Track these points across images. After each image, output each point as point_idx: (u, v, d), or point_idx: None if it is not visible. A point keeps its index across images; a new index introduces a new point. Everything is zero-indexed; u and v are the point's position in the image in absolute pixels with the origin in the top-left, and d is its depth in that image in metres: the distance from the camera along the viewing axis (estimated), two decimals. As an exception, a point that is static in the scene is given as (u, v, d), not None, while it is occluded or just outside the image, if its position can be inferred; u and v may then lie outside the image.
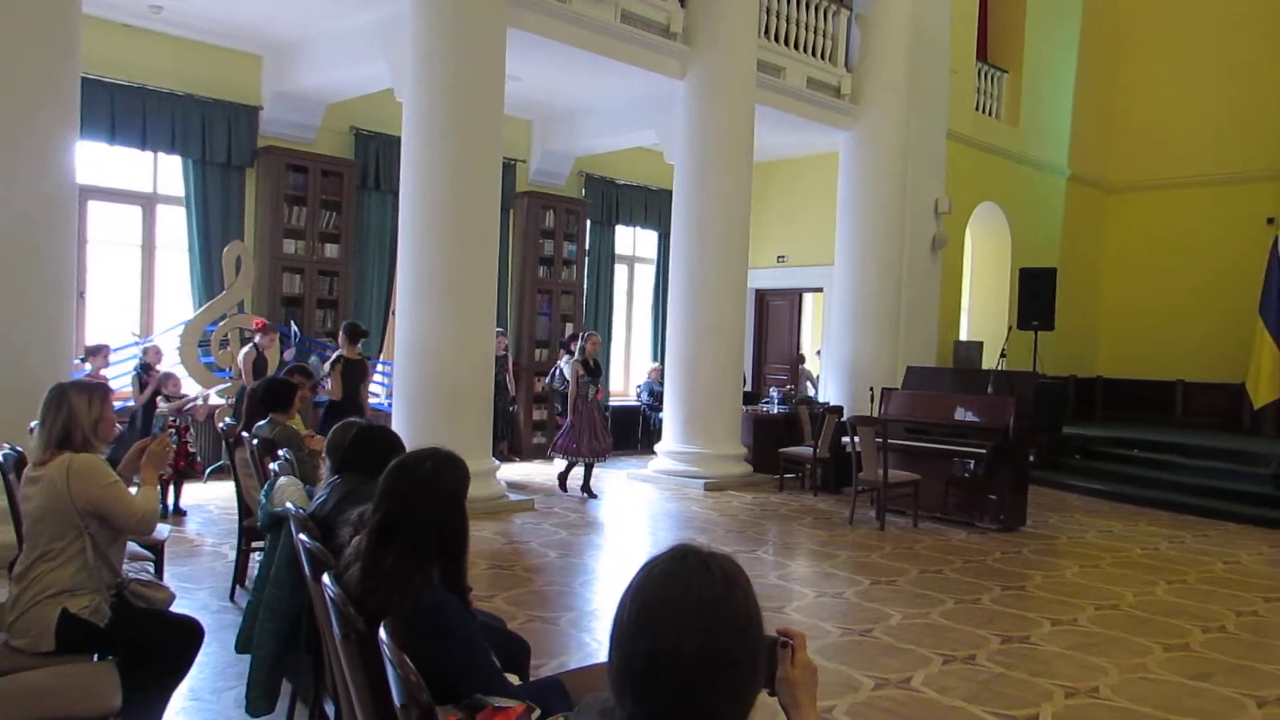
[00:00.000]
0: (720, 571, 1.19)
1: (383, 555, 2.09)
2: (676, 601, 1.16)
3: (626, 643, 1.17)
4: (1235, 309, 13.04)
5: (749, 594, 1.20)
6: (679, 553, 1.22)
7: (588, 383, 8.79)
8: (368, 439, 3.03)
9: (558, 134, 11.45)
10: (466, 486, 2.23)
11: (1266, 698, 4.17)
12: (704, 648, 1.13)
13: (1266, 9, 13.16)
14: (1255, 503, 9.02)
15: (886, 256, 11.20)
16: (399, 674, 1.68)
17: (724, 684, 1.15)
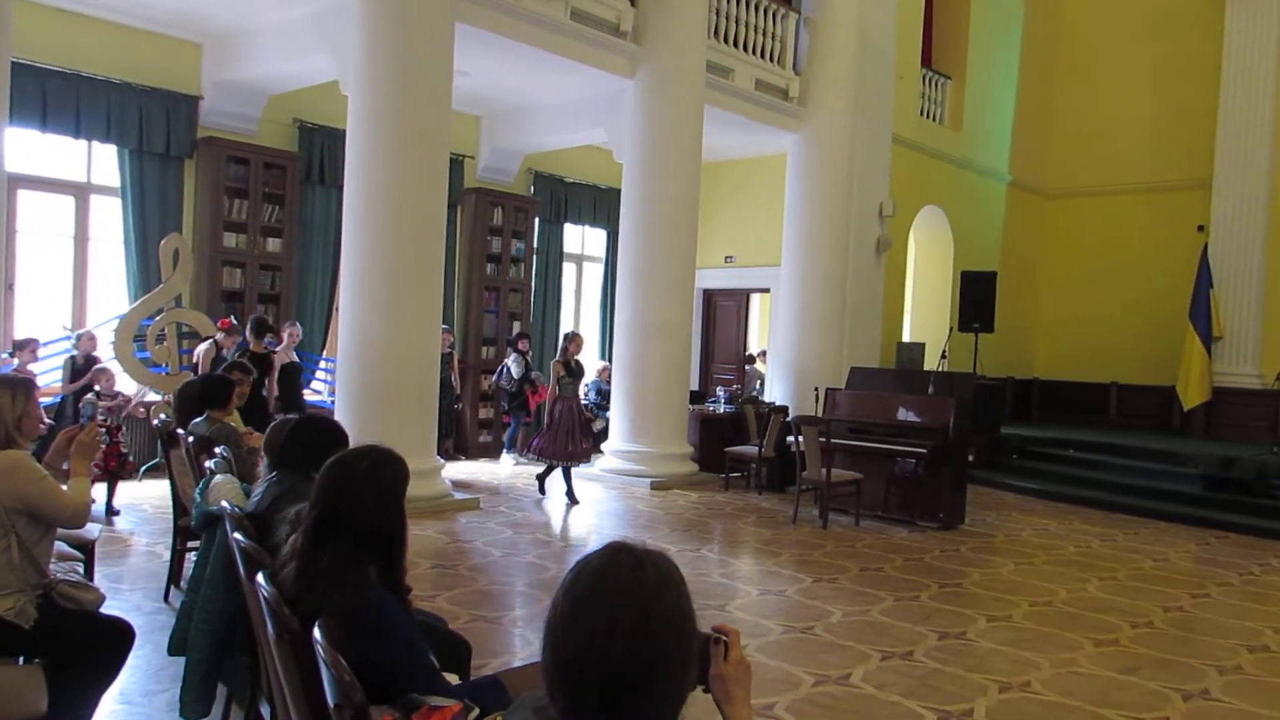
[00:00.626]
0: (653, 568, 1.20)
1: (319, 554, 2.06)
2: (608, 598, 1.16)
3: (558, 640, 1.18)
4: (1167, 314, 13.44)
5: (682, 591, 1.21)
6: (612, 550, 1.23)
7: (569, 384, 8.52)
8: (305, 434, 2.97)
9: (507, 130, 11.38)
10: (406, 484, 2.21)
11: (1191, 691, 4.31)
12: (635, 642, 1.14)
13: (1197, 26, 13.56)
14: (1183, 502, 9.30)
15: (832, 258, 11.33)
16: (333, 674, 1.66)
17: (656, 680, 1.15)
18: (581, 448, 8.46)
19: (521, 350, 10.82)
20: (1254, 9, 12.88)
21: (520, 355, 10.78)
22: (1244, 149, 12.89)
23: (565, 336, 8.86)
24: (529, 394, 10.74)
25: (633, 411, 9.84)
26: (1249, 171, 12.86)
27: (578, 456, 8.47)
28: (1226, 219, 13.01)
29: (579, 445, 8.45)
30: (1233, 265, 12.87)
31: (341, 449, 2.33)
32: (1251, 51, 12.86)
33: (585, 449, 8.53)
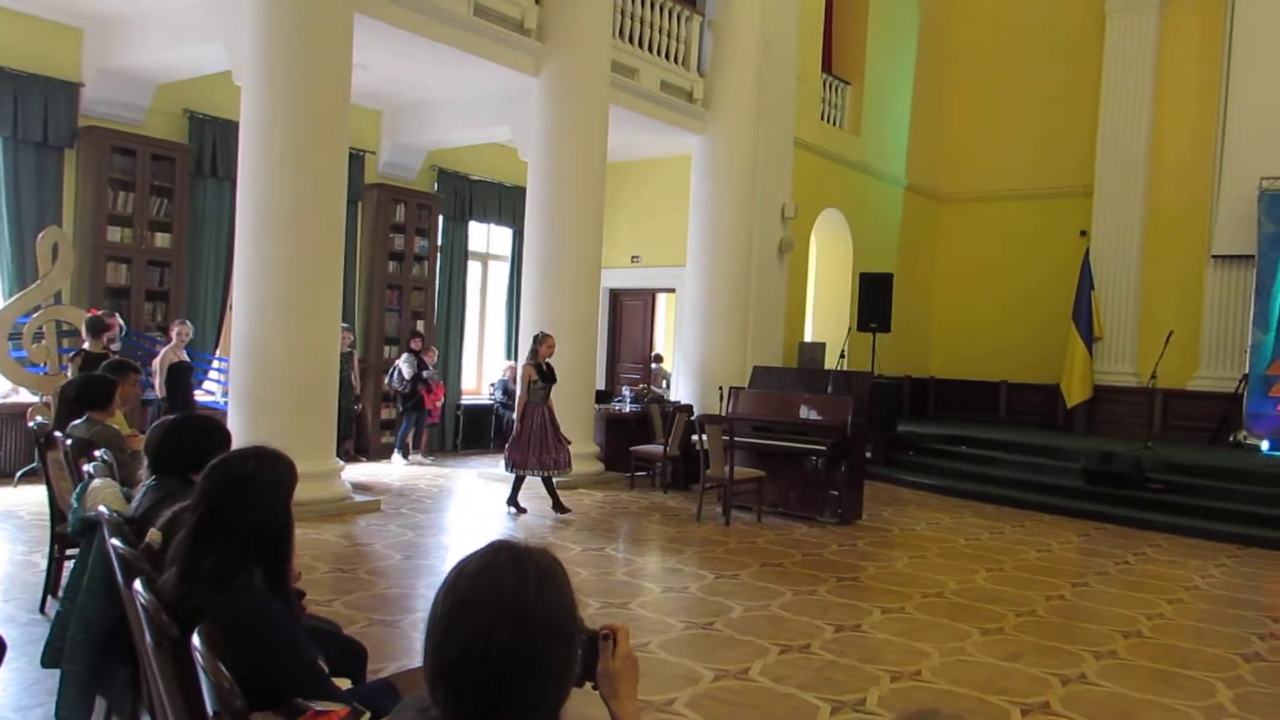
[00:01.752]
0: (534, 566, 1.20)
1: (200, 557, 2.00)
2: (488, 598, 1.16)
3: (438, 640, 1.17)
4: (1052, 315, 14.04)
5: (563, 588, 1.21)
6: (492, 549, 1.22)
7: (541, 389, 8.06)
8: (181, 435, 2.86)
9: (409, 126, 11.20)
10: (291, 486, 2.16)
11: (1070, 676, 4.52)
12: (515, 643, 1.13)
13: (1080, 43, 14.20)
14: (1066, 495, 9.74)
15: (736, 259, 11.49)
16: (211, 681, 1.61)
17: (537, 678, 1.15)
18: (559, 455, 8.10)
19: (414, 349, 10.63)
20: (1130, 29, 13.57)
21: (413, 355, 10.59)
22: (1122, 159, 13.57)
23: (535, 338, 8.27)
24: (423, 393, 10.56)
25: (538, 411, 9.78)
26: (1127, 180, 13.54)
27: (558, 465, 8.10)
28: (1106, 225, 13.68)
29: (556, 453, 8.07)
30: (1112, 269, 13.54)
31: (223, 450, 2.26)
32: (1128, 68, 13.55)
33: (563, 456, 8.15)
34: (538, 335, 8.28)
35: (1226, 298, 12.72)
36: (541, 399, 8.06)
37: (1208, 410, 12.56)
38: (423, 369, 10.57)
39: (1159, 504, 9.20)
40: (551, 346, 8.26)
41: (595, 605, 5.34)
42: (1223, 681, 4.53)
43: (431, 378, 10.60)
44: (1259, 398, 11.63)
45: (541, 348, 8.14)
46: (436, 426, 11.55)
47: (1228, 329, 12.69)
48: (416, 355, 10.60)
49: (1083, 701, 4.17)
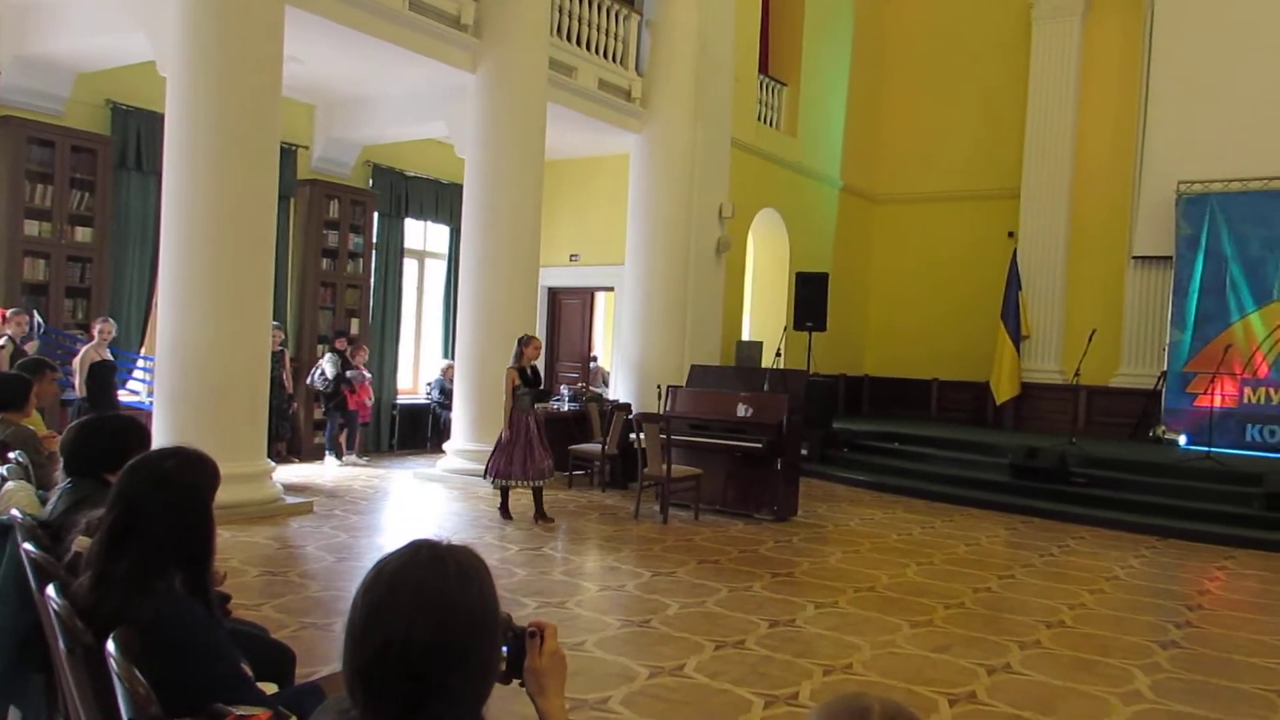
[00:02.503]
0: (454, 564, 1.19)
1: (115, 561, 1.94)
2: (407, 596, 1.15)
3: (357, 639, 1.16)
4: (982, 314, 14.38)
5: (484, 586, 1.21)
6: (412, 548, 1.22)
7: (525, 394, 7.70)
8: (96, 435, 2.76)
9: (343, 121, 11.01)
10: (211, 487, 2.11)
11: (995, 665, 4.63)
12: (434, 640, 1.13)
13: (1008, 51, 14.55)
14: (994, 490, 9.98)
15: (674, 258, 11.54)
16: (127, 688, 1.57)
17: (457, 676, 1.15)
18: (544, 463, 7.75)
19: (339, 349, 10.44)
20: (1055, 37, 13.97)
21: (336, 354, 10.39)
22: (1047, 162, 13.96)
23: (520, 340, 7.87)
24: (346, 394, 10.38)
25: (476, 410, 9.72)
26: (1052, 183, 13.93)
27: (543, 474, 7.75)
28: (1033, 227, 14.06)
29: (541, 461, 7.72)
30: (1039, 269, 13.91)
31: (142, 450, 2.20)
32: (1053, 74, 13.94)
33: (548, 465, 7.80)
34: (522, 338, 7.92)
35: (1146, 297, 13.16)
36: (528, 406, 7.72)
37: (1129, 406, 12.99)
38: (347, 369, 10.37)
39: (1082, 497, 9.48)
40: (538, 349, 7.93)
41: (532, 605, 5.33)
42: (1140, 668, 4.69)
43: (355, 378, 10.40)
44: (1176, 394, 12.06)
45: (527, 349, 7.80)
46: (371, 427, 11.39)
47: (1147, 328, 13.13)
48: (341, 355, 10.41)
49: (1007, 690, 4.29)
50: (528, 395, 7.72)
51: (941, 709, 4.02)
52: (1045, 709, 4.07)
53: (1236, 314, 11.80)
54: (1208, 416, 10.92)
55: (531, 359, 7.82)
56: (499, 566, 6.18)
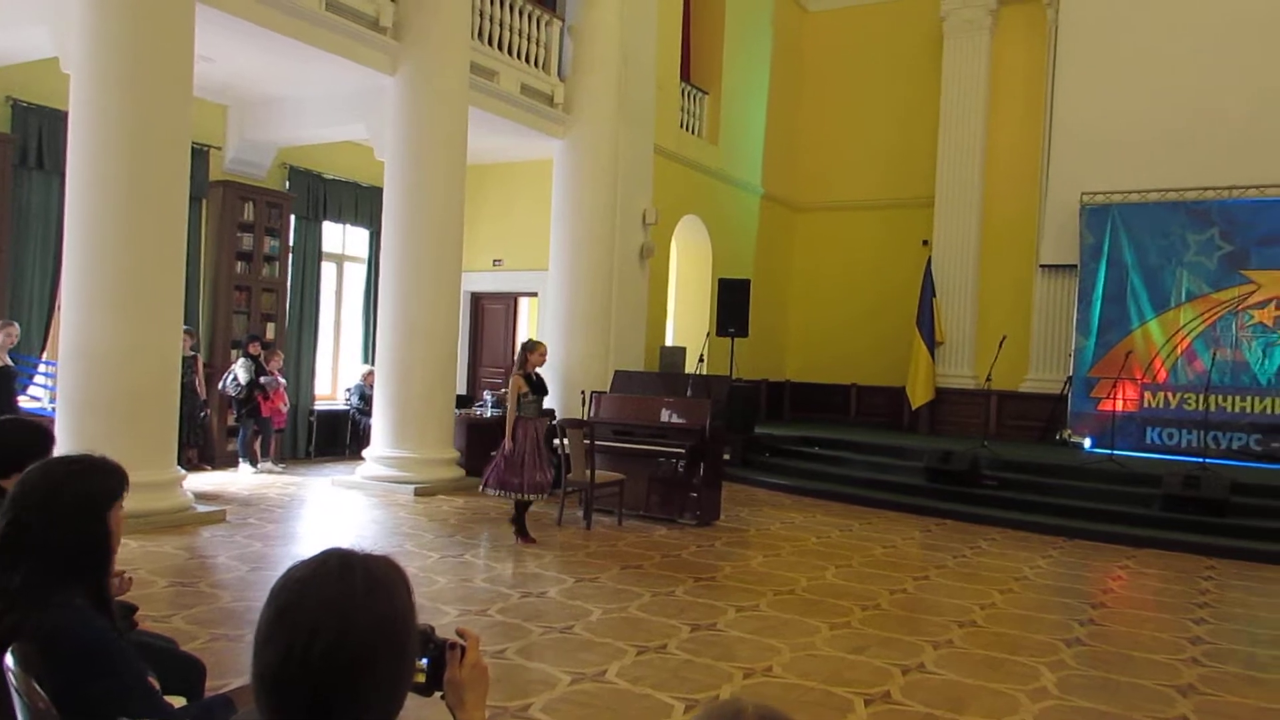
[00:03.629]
0: (362, 573, 1.17)
1: (10, 572, 1.87)
2: (310, 603, 1.13)
3: (260, 646, 1.14)
4: (898, 321, 14.73)
5: (394, 596, 1.19)
6: (322, 556, 1.20)
7: (532, 403, 7.36)
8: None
9: (258, 122, 10.74)
10: (110, 495, 2.03)
11: (910, 665, 4.75)
12: (337, 650, 1.11)
13: (921, 63, 14.97)
14: (910, 493, 10.22)
15: (598, 263, 11.56)
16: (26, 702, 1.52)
17: (363, 686, 1.13)
18: (546, 477, 7.40)
19: (252, 354, 10.17)
20: (965, 50, 14.42)
21: (250, 359, 10.13)
22: (959, 172, 14.40)
23: (524, 345, 7.55)
24: (259, 400, 10.12)
25: (396, 416, 9.59)
26: (963, 192, 14.38)
27: (543, 487, 7.38)
28: (946, 235, 14.47)
29: (544, 474, 7.37)
30: (952, 277, 14.33)
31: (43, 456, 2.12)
32: (964, 86, 14.39)
33: (546, 479, 7.43)
34: (527, 343, 7.55)
35: (1053, 304, 13.66)
36: (533, 413, 7.40)
37: (1037, 410, 13.45)
38: (261, 374, 10.12)
39: (993, 500, 9.78)
40: (543, 355, 7.58)
41: (453, 612, 5.28)
42: (1046, 666, 4.86)
43: (269, 384, 10.14)
44: (1081, 398, 12.53)
45: (532, 356, 7.44)
46: (287, 433, 11.13)
47: (1054, 334, 13.62)
48: (255, 360, 10.14)
49: (921, 690, 4.40)
50: (534, 403, 7.41)
51: (858, 709, 4.10)
52: (957, 707, 4.19)
53: (1137, 321, 12.31)
54: (1110, 420, 11.37)
55: (536, 365, 7.48)
56: (419, 575, 6.11)
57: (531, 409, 7.38)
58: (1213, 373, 11.51)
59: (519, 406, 7.34)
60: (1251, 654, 5.29)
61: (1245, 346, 11.69)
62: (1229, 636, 5.64)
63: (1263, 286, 11.63)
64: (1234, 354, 11.70)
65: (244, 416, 10.19)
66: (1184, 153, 12.37)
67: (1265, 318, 11.61)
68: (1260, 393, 11.53)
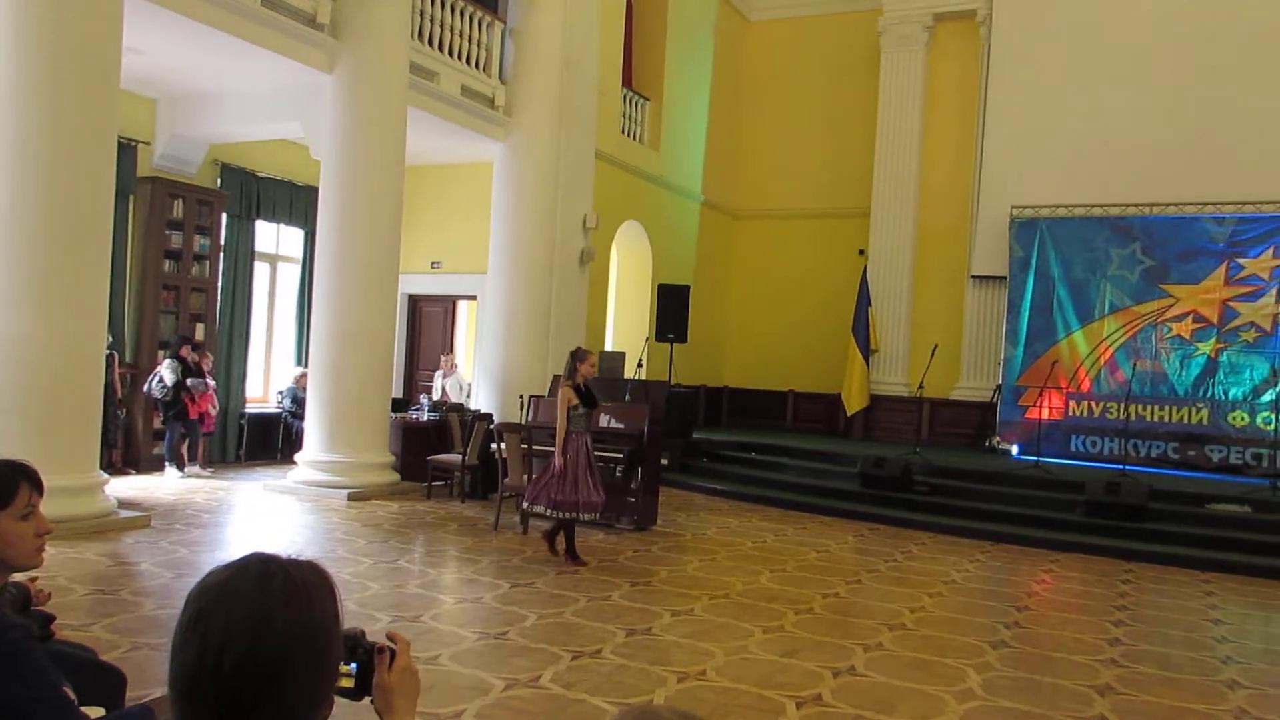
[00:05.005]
0: (282, 579, 1.15)
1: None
2: (225, 611, 1.11)
3: (174, 656, 1.11)
4: (834, 328, 14.96)
5: (315, 601, 1.17)
6: (243, 560, 1.18)
7: (581, 416, 6.92)
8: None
9: (189, 117, 10.48)
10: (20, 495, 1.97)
11: (841, 668, 4.82)
12: (250, 660, 1.09)
13: (859, 75, 15.24)
14: (844, 498, 10.37)
15: (538, 267, 11.51)
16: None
17: (277, 697, 1.11)
18: (601, 495, 6.98)
19: (182, 356, 9.90)
20: (901, 64, 14.74)
21: (177, 360, 9.85)
22: (895, 183, 14.70)
23: (573, 355, 7.05)
24: (186, 402, 9.86)
25: (330, 420, 9.43)
26: (899, 203, 14.67)
27: (598, 506, 6.95)
28: (881, 245, 14.74)
29: (596, 492, 6.93)
30: (887, 286, 14.60)
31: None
32: (900, 99, 14.70)
33: (601, 498, 7.00)
34: (576, 351, 7.11)
35: (983, 314, 14.00)
36: (583, 427, 6.97)
37: (968, 417, 13.77)
38: (188, 375, 9.86)
39: (924, 505, 9.97)
40: (594, 365, 7.15)
41: (385, 619, 5.21)
42: (973, 667, 4.97)
43: (196, 386, 9.88)
44: (1010, 406, 12.85)
45: (582, 366, 6.98)
46: (216, 437, 10.87)
47: (984, 343, 13.96)
48: (182, 361, 9.87)
49: (851, 692, 4.47)
50: (585, 415, 6.99)
51: (789, 712, 4.15)
52: (885, 709, 4.26)
53: (1063, 332, 12.68)
54: (1037, 428, 11.68)
55: (587, 375, 7.04)
56: (351, 581, 6.02)
57: (581, 422, 6.95)
58: (1133, 383, 11.90)
59: (570, 420, 6.88)
60: (1166, 655, 5.48)
61: (1164, 358, 12.11)
62: (1145, 638, 5.83)
63: (1180, 300, 12.07)
64: (1153, 365, 12.12)
65: (170, 419, 9.91)
66: (1109, 170, 12.79)
67: (1183, 330, 12.04)
68: (1178, 402, 11.95)
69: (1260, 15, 12.23)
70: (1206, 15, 12.49)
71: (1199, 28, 12.50)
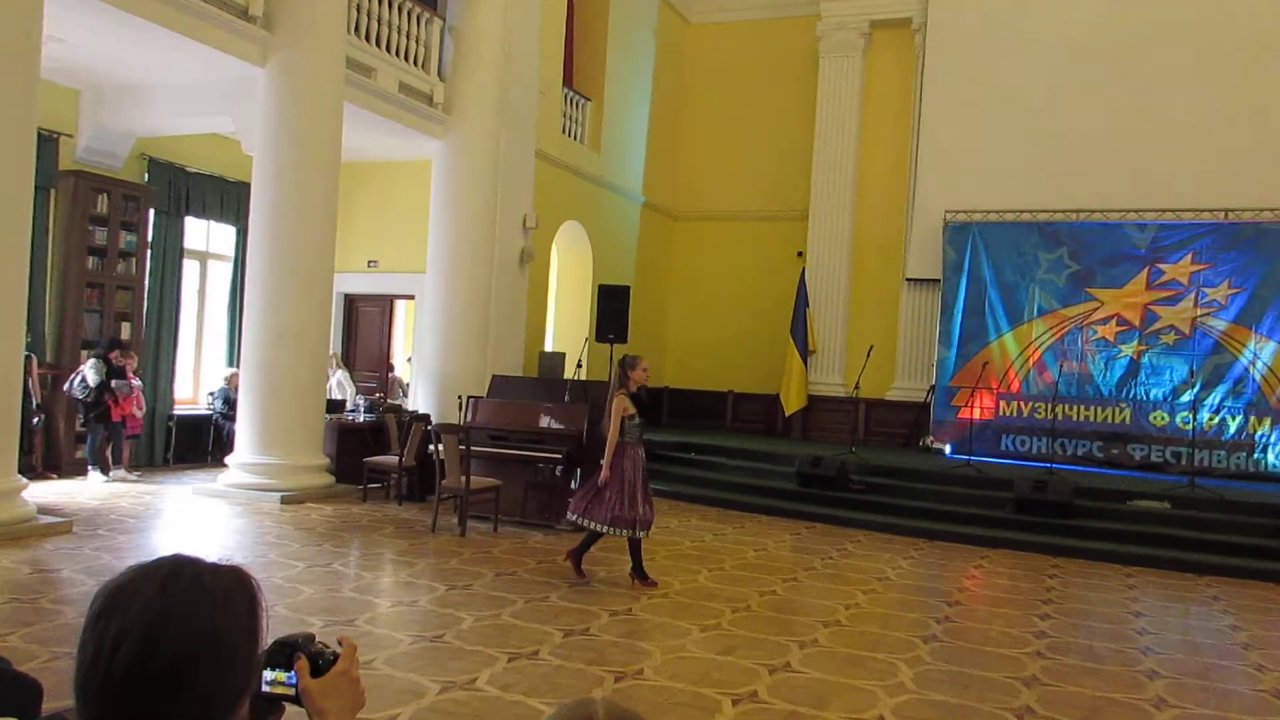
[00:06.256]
0: (190, 581, 1.11)
1: None
2: (123, 613, 1.07)
3: (76, 655, 1.08)
4: (773, 330, 15.09)
5: (225, 608, 1.13)
6: (155, 562, 1.14)
7: (636, 426, 6.49)
8: None
9: (115, 109, 10.16)
10: None
11: (776, 665, 4.87)
12: (142, 663, 1.05)
13: (798, 80, 15.40)
14: (782, 497, 10.48)
15: (477, 267, 11.41)
16: None
17: (173, 703, 1.08)
18: (649, 509, 6.49)
19: (104, 355, 9.59)
20: (839, 70, 14.94)
21: (101, 360, 9.54)
22: (832, 187, 14.89)
23: (622, 362, 6.62)
24: (109, 404, 9.56)
25: (262, 421, 9.23)
26: (836, 207, 14.87)
27: (647, 522, 6.46)
28: (819, 247, 14.93)
29: (645, 508, 6.45)
30: (824, 288, 14.79)
31: None
32: (838, 105, 14.90)
33: (651, 510, 6.55)
34: (627, 358, 6.63)
35: (918, 317, 14.26)
36: (636, 438, 6.51)
37: (902, 417, 14.01)
38: (112, 376, 9.56)
39: (860, 503, 10.12)
40: (646, 370, 6.64)
41: (319, 624, 5.11)
42: (905, 662, 5.06)
43: (120, 387, 9.59)
44: (943, 407, 13.11)
45: (634, 373, 6.52)
46: (143, 439, 10.57)
47: (919, 345, 14.22)
48: (106, 361, 9.57)
49: (787, 688, 4.51)
50: (639, 426, 6.54)
51: (725, 709, 4.18)
52: (820, 704, 4.31)
53: (994, 334, 12.98)
54: (969, 427, 11.94)
55: (640, 382, 6.59)
56: (284, 585, 5.90)
57: (635, 433, 6.50)
58: (1060, 383, 12.22)
59: (624, 430, 6.41)
60: (1090, 646, 5.64)
61: (1089, 359, 12.47)
62: (1070, 631, 6.00)
63: (1105, 304, 12.43)
64: (1079, 366, 12.48)
65: (92, 421, 9.60)
66: (1039, 176, 13.12)
67: (1107, 333, 12.41)
68: (1102, 403, 12.32)
69: (1182, 29, 12.66)
70: (1132, 29, 12.90)
71: (1125, 41, 12.89)
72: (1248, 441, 11.61)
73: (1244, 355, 11.76)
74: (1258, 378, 11.66)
